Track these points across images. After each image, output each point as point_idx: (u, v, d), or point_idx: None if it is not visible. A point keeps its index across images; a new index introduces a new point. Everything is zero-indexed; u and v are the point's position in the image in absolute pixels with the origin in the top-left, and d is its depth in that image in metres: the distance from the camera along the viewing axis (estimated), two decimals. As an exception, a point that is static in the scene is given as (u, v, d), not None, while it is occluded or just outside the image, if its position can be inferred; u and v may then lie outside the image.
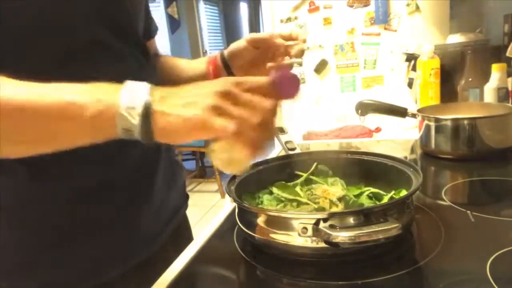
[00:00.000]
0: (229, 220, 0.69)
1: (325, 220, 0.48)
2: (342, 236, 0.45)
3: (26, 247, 0.57)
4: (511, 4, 1.40)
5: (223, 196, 3.40)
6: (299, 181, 0.67)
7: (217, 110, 0.41)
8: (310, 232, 0.48)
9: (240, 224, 0.57)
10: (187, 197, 0.80)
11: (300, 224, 0.48)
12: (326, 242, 0.47)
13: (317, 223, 0.48)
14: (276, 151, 0.98)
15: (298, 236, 0.49)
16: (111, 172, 0.59)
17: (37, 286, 0.58)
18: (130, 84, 0.43)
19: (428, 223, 0.60)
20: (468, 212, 0.62)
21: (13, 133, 0.43)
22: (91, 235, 0.59)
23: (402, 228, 0.47)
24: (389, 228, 0.44)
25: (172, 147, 0.80)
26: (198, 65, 0.78)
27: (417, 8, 2.02)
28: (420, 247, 0.54)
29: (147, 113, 0.41)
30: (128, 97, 0.41)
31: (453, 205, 0.66)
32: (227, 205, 0.75)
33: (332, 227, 0.47)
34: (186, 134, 0.41)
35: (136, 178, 0.63)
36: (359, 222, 0.48)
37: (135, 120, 0.41)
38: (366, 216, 0.49)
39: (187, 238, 0.78)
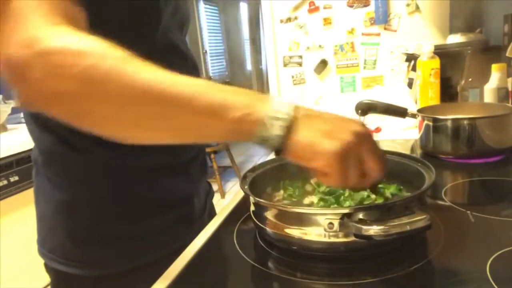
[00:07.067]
0: (229, 220, 0.69)
1: (349, 215, 0.48)
2: (374, 229, 0.45)
3: (101, 219, 0.63)
4: (511, 4, 1.40)
5: (223, 196, 3.40)
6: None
7: (349, 150, 0.42)
8: (336, 227, 0.48)
9: (258, 223, 0.57)
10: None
11: (326, 219, 0.48)
12: (357, 236, 0.46)
13: (342, 218, 0.48)
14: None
15: (314, 231, 0.50)
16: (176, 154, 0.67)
17: (108, 259, 0.64)
18: (276, 98, 0.44)
19: (428, 223, 0.60)
20: (468, 212, 0.62)
21: (155, 120, 0.43)
22: (157, 212, 0.66)
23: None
24: (419, 219, 0.44)
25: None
26: None
27: (417, 8, 2.02)
28: (420, 247, 0.54)
29: (289, 127, 0.42)
30: (276, 108, 0.42)
31: (453, 205, 0.66)
32: (227, 205, 0.75)
33: (361, 220, 0.47)
34: (312, 159, 0.42)
35: (193, 162, 0.72)
36: (386, 216, 0.47)
37: (276, 131, 0.42)
38: (390, 210, 0.49)
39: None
